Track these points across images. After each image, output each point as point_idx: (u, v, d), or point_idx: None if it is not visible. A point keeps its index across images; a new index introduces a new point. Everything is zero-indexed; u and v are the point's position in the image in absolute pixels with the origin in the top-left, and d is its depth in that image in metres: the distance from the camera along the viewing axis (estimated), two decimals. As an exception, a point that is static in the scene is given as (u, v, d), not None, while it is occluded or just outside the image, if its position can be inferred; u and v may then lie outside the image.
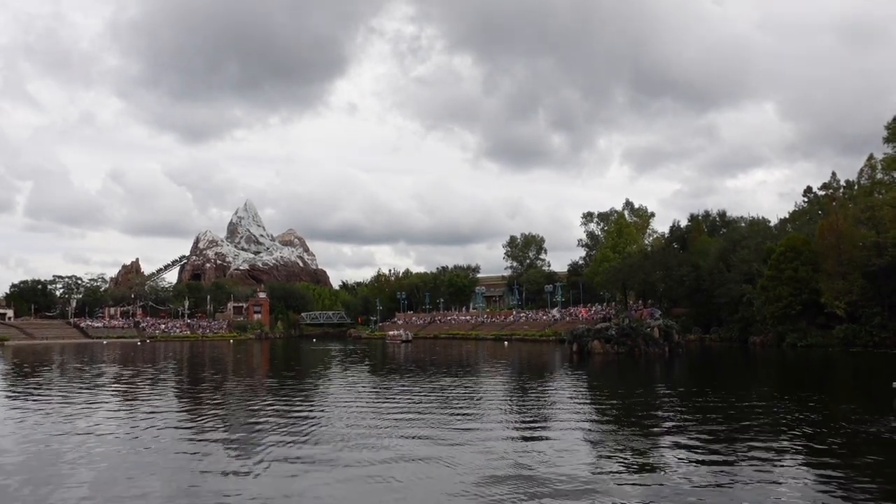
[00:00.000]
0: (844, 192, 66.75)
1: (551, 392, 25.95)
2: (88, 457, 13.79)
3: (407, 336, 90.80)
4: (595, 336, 49.34)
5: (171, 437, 16.12)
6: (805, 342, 54.59)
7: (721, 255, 69.98)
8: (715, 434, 15.67)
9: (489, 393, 25.72)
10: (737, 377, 33.37)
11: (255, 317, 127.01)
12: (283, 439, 15.53)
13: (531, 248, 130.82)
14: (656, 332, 48.74)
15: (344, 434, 16.05)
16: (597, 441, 15.27)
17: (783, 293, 56.01)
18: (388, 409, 20.62)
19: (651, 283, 78.60)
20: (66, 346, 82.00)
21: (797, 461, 12.91)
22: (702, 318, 73.89)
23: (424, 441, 15.08)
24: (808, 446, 14.21)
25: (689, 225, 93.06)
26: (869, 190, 58.16)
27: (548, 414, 19.70)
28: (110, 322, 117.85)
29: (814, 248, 56.43)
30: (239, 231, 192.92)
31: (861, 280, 52.24)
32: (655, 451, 14.20)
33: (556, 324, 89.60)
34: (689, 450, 13.92)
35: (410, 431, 16.34)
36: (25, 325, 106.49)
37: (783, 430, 16.09)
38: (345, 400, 23.53)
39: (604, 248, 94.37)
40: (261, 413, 20.35)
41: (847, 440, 14.80)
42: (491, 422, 17.99)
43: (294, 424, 17.68)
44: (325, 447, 14.48)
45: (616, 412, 20.15)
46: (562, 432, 16.28)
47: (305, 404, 22.50)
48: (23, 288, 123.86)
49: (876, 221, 53.10)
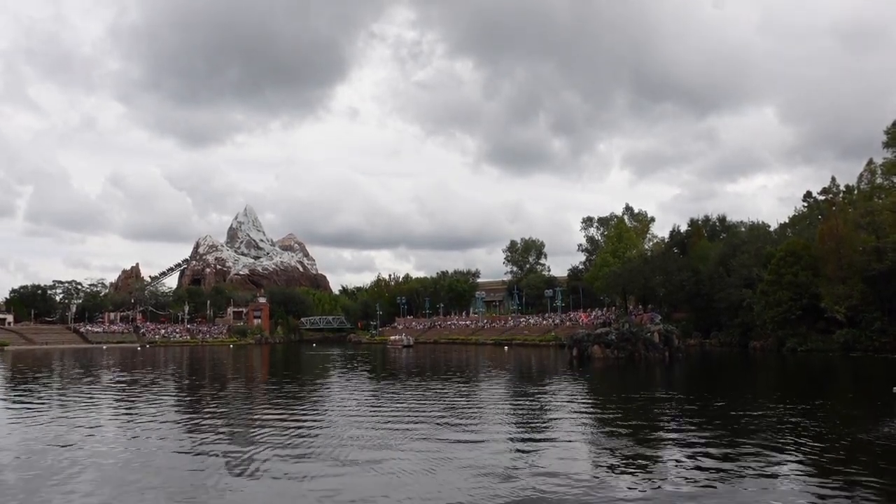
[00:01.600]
0: (844, 197, 66.76)
1: (551, 397, 25.92)
2: (87, 464, 13.75)
3: (408, 341, 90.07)
4: (595, 341, 49.30)
5: (171, 444, 16.09)
6: (805, 347, 54.51)
7: (721, 260, 70.00)
8: (715, 440, 15.65)
9: (489, 398, 25.70)
10: (737, 382, 33.33)
11: (254, 322, 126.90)
12: (282, 445, 15.49)
13: (531, 252, 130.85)
14: (656, 337, 48.73)
15: (343, 441, 16.03)
16: (596, 447, 15.24)
17: (783, 298, 55.98)
18: (386, 415, 20.59)
19: (651, 287, 78.55)
20: (65, 352, 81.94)
21: (798, 466, 12.88)
22: (702, 323, 73.82)
23: (424, 448, 15.05)
24: (808, 451, 14.19)
25: (689, 230, 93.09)
26: (869, 194, 58.20)
27: (547, 419, 19.67)
28: (110, 327, 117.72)
29: (814, 252, 56.41)
30: (239, 236, 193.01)
31: (861, 284, 52.20)
32: (655, 456, 14.18)
33: (557, 328, 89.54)
34: (689, 455, 13.89)
35: (411, 438, 16.32)
36: (25, 329, 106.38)
37: (784, 436, 16.07)
38: (344, 406, 23.50)
39: (604, 252, 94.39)
40: (260, 419, 20.33)
41: (848, 445, 14.77)
42: (490, 428, 17.96)
43: (294, 431, 17.65)
44: (325, 454, 14.45)
45: (616, 417, 20.12)
46: (562, 438, 16.26)
47: (305, 410, 22.48)
48: (23, 293, 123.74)
49: (876, 226, 53.11)
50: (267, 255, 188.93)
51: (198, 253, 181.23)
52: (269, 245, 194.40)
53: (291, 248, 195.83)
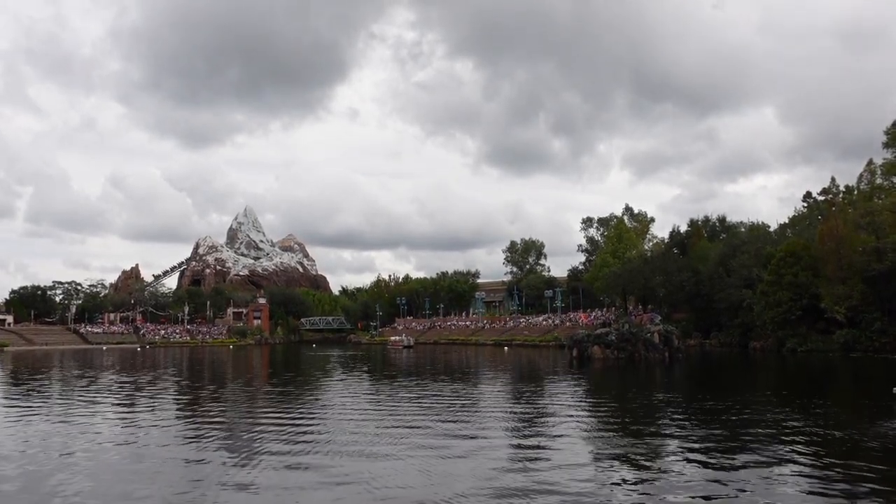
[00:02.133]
0: (844, 197, 66.77)
1: (551, 398, 25.89)
2: (86, 466, 13.73)
3: (409, 342, 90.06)
4: (595, 341, 49.28)
5: (170, 446, 16.06)
6: (805, 347, 54.50)
7: (721, 260, 69.98)
8: (715, 440, 15.63)
9: (489, 399, 25.69)
10: (737, 382, 33.31)
11: (254, 322, 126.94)
12: (282, 448, 15.47)
13: (531, 253, 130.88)
14: (656, 338, 48.71)
15: (343, 443, 16.01)
16: (595, 447, 15.21)
17: (783, 298, 55.97)
18: (386, 415, 20.57)
19: (651, 288, 78.54)
20: (65, 352, 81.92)
21: (797, 467, 12.86)
22: (702, 323, 73.82)
23: (423, 449, 15.01)
24: (808, 452, 14.16)
25: (688, 230, 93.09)
26: (868, 195, 58.22)
27: (547, 420, 19.64)
28: (110, 328, 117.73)
29: (814, 252, 56.41)
30: (239, 236, 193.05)
31: (861, 285, 52.20)
32: (655, 457, 14.15)
33: (556, 329, 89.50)
34: (688, 456, 13.87)
35: (410, 439, 16.29)
36: (25, 330, 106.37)
37: (783, 436, 16.05)
38: (344, 407, 23.48)
39: (603, 253, 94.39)
40: (260, 421, 20.30)
41: (847, 446, 14.76)
42: (489, 429, 17.94)
43: (293, 432, 17.64)
44: (325, 456, 14.44)
45: (616, 418, 20.10)
46: (561, 438, 16.23)
47: (304, 412, 22.46)
48: (22, 293, 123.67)
49: (876, 226, 53.11)
50: (267, 255, 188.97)
51: (197, 254, 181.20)
52: (269, 246, 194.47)
53: (291, 249, 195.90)
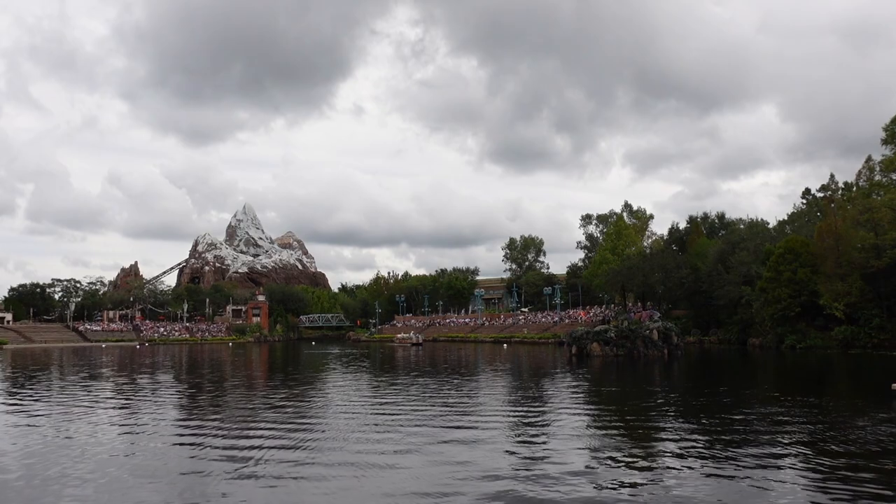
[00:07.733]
0: (843, 194, 66.74)
1: (550, 396, 25.91)
2: (85, 464, 13.70)
3: (418, 339, 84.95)
4: (594, 338, 49.29)
5: (169, 444, 16.06)
6: (804, 344, 54.58)
7: (720, 257, 70.02)
8: (713, 437, 15.64)
9: (487, 396, 25.69)
10: (736, 379, 33.33)
11: (254, 320, 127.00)
12: (282, 447, 15.48)
13: (530, 250, 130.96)
14: (655, 335, 48.74)
15: (343, 441, 16.03)
16: (594, 445, 15.22)
17: (782, 295, 56.01)
18: (385, 414, 20.58)
19: (650, 285, 78.59)
20: (64, 350, 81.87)
21: (796, 463, 12.87)
22: (701, 320, 73.90)
23: (423, 448, 15.02)
24: (807, 448, 14.18)
25: (688, 227, 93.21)
26: (867, 192, 58.15)
27: (545, 418, 19.64)
28: (109, 325, 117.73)
29: (812, 249, 56.44)
30: (238, 234, 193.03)
31: (860, 282, 52.25)
32: (653, 454, 14.17)
33: (556, 326, 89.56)
34: (687, 453, 13.87)
35: (409, 437, 16.30)
36: (24, 328, 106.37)
37: (782, 433, 16.07)
38: (344, 406, 23.49)
39: (603, 250, 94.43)
40: (260, 420, 20.30)
41: (846, 442, 14.77)
42: (488, 426, 17.94)
43: (293, 431, 17.64)
44: (325, 454, 14.44)
45: (614, 415, 20.11)
46: (559, 436, 16.23)
47: (305, 410, 22.46)
48: (21, 291, 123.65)
49: (874, 223, 53.12)
50: (266, 253, 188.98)
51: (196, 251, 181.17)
52: (269, 243, 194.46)
53: (290, 246, 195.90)
